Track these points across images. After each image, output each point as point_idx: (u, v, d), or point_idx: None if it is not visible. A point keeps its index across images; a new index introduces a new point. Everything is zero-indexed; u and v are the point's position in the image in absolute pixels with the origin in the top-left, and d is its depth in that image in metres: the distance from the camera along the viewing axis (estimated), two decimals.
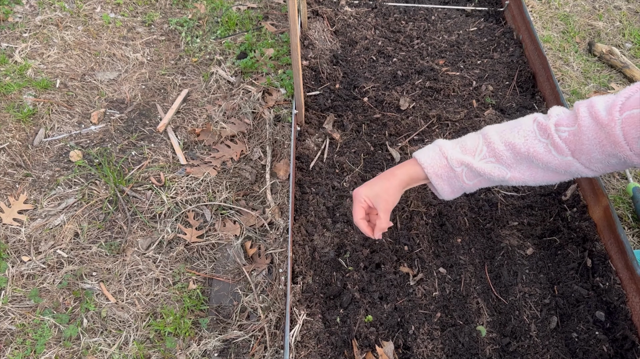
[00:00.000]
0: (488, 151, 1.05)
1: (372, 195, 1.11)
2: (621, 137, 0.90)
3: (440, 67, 1.96)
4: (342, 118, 1.76)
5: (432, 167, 1.08)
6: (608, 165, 0.98)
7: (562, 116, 1.01)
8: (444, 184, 1.10)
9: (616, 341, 1.25)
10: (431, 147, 1.11)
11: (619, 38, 2.30)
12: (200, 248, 1.51)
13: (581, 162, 0.99)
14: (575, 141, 0.97)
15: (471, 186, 1.10)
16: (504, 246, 1.44)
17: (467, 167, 1.06)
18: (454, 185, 1.11)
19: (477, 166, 1.05)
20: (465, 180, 1.08)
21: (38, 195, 1.61)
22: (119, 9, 2.26)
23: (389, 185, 1.11)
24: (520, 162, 1.04)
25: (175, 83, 1.99)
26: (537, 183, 1.08)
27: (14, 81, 1.90)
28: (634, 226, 1.60)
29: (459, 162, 1.06)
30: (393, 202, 1.11)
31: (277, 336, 1.32)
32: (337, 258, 1.40)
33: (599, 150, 0.95)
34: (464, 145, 1.08)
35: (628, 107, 0.90)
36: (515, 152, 1.03)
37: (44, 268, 1.45)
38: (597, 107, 0.94)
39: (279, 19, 2.27)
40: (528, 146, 1.01)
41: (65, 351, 1.30)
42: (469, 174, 1.07)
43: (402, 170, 1.12)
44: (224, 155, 1.73)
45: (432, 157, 1.09)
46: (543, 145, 1.00)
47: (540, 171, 1.05)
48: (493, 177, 1.06)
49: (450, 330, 1.28)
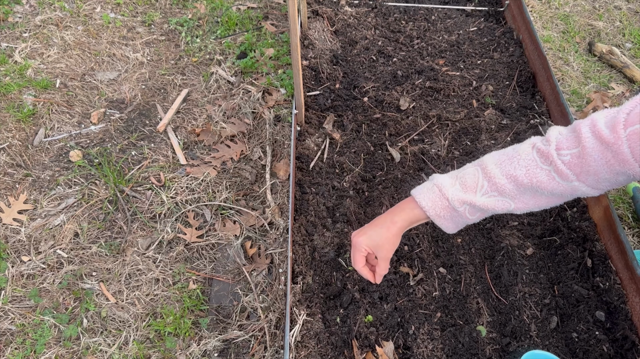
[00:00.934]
0: (489, 186, 1.03)
1: (372, 245, 1.11)
2: (629, 154, 0.88)
3: (440, 67, 1.96)
4: (342, 118, 1.76)
5: (434, 209, 1.07)
6: (616, 182, 0.96)
7: (561, 139, 0.99)
8: (447, 223, 1.09)
9: (616, 341, 1.25)
10: (430, 188, 1.09)
11: (619, 38, 2.30)
12: (200, 248, 1.51)
13: (588, 184, 0.97)
14: (580, 164, 0.95)
15: (474, 219, 1.09)
16: (504, 246, 1.44)
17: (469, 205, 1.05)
18: (457, 222, 1.10)
19: (480, 202, 1.04)
20: (469, 216, 1.07)
21: (38, 195, 1.61)
22: (119, 9, 2.26)
23: (389, 234, 1.10)
24: (523, 192, 1.03)
25: (175, 83, 1.99)
26: (542, 208, 1.07)
27: (14, 81, 1.90)
28: (634, 226, 1.60)
29: (460, 201, 1.05)
30: (393, 249, 1.11)
31: (277, 336, 1.32)
32: (337, 258, 1.40)
33: (607, 170, 0.93)
34: (464, 181, 1.06)
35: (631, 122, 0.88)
36: (518, 184, 1.01)
37: (44, 268, 1.45)
38: (599, 126, 0.92)
39: (279, 19, 2.27)
40: (530, 176, 1.00)
41: (65, 351, 1.30)
42: (471, 211, 1.06)
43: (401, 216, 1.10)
44: (224, 155, 1.73)
45: (432, 199, 1.07)
46: (545, 172, 0.99)
47: (545, 198, 1.03)
48: (497, 210, 1.05)
49: (450, 330, 1.28)
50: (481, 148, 1.68)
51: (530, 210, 1.07)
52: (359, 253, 1.11)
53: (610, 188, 1.00)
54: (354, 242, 1.11)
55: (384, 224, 1.10)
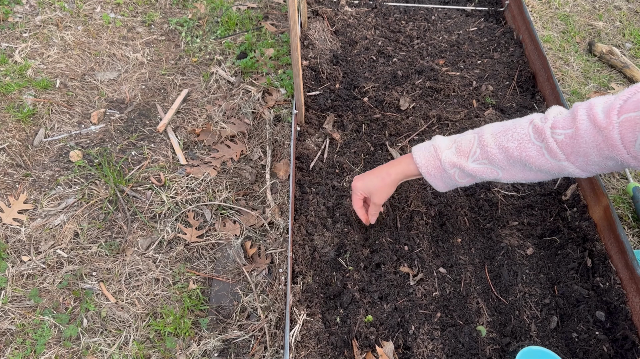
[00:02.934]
0: (482, 153, 1.08)
1: (367, 191, 1.26)
2: (618, 140, 0.91)
3: (440, 67, 1.96)
4: (342, 118, 1.76)
5: (426, 167, 1.15)
6: (604, 167, 0.99)
7: (559, 118, 1.02)
8: (437, 182, 1.17)
9: (616, 341, 1.25)
10: (427, 146, 1.16)
11: (619, 38, 2.30)
12: (200, 248, 1.51)
13: (577, 164, 1.00)
14: (571, 144, 0.98)
15: (464, 183, 1.16)
16: (504, 246, 1.44)
17: (459, 169, 1.11)
18: (447, 183, 1.17)
19: (470, 168, 1.10)
20: (458, 179, 1.14)
21: (38, 195, 1.61)
22: (119, 9, 2.26)
23: (383, 184, 1.23)
24: (513, 164, 1.07)
25: (175, 83, 1.99)
26: (529, 181, 1.13)
27: (14, 81, 1.90)
28: (634, 226, 1.60)
29: (451, 164, 1.11)
30: (386, 197, 1.25)
31: (277, 336, 1.32)
32: (337, 258, 1.40)
33: (596, 152, 0.96)
34: (459, 145, 1.12)
35: (626, 109, 0.91)
36: (509, 156, 1.06)
37: (44, 268, 1.45)
38: (595, 110, 0.95)
39: (279, 19, 2.27)
40: (521, 150, 1.03)
41: (65, 351, 1.30)
42: (461, 174, 1.13)
43: (396, 169, 1.21)
44: (224, 155, 1.73)
45: (426, 158, 1.15)
46: (536, 148, 1.02)
47: (532, 173, 1.08)
48: (485, 177, 1.11)
49: (450, 330, 1.28)
50: None
51: (517, 181, 1.13)
52: (356, 196, 1.29)
53: (599, 172, 1.03)
54: (353, 186, 1.29)
55: (380, 174, 1.23)
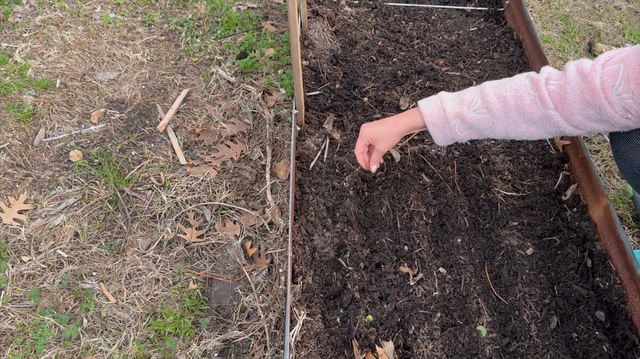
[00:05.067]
0: (482, 102, 1.18)
1: (374, 137, 1.33)
2: (599, 84, 1.02)
3: (440, 67, 1.96)
4: (342, 118, 1.76)
5: (431, 117, 1.24)
6: (587, 117, 1.09)
7: (552, 73, 1.14)
8: (438, 132, 1.27)
9: (616, 341, 1.25)
10: (433, 99, 1.26)
11: (619, 38, 2.30)
12: (200, 248, 1.51)
13: (562, 114, 1.11)
14: (560, 92, 1.10)
15: (462, 137, 1.26)
16: (504, 246, 1.44)
17: (460, 119, 1.21)
18: (446, 134, 1.27)
19: (470, 117, 1.20)
20: (457, 131, 1.24)
21: (38, 195, 1.61)
22: (119, 9, 2.26)
23: (390, 133, 1.31)
24: (508, 113, 1.17)
25: (175, 83, 1.99)
26: (520, 135, 1.21)
27: (14, 81, 1.90)
28: (634, 226, 1.60)
29: (454, 114, 1.21)
30: (390, 146, 1.34)
31: (277, 336, 1.32)
32: (337, 258, 1.40)
33: (580, 99, 1.07)
34: (462, 97, 1.22)
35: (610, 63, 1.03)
36: (505, 104, 1.16)
37: (44, 268, 1.45)
38: (583, 64, 1.07)
39: (279, 19, 2.27)
40: (517, 98, 1.15)
41: (65, 351, 1.30)
42: (460, 126, 1.23)
43: (404, 120, 1.30)
44: (224, 155, 1.73)
45: (432, 108, 1.25)
46: (530, 97, 1.13)
47: (524, 123, 1.17)
48: (481, 127, 1.21)
49: (450, 330, 1.28)
50: (481, 148, 1.69)
51: (509, 135, 1.22)
52: (361, 141, 1.36)
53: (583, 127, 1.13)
54: (361, 131, 1.35)
55: (389, 124, 1.32)
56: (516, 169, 1.63)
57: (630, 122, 1.06)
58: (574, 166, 1.59)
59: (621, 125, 1.08)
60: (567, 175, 1.59)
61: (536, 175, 1.61)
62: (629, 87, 0.98)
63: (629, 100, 1.00)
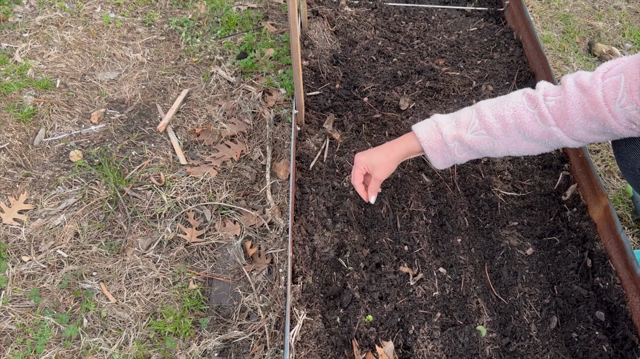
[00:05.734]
0: (480, 124, 1.15)
1: (370, 165, 1.27)
2: (601, 98, 1.00)
3: (440, 67, 1.96)
4: (342, 118, 1.76)
5: (428, 142, 1.20)
6: (590, 131, 1.07)
7: (549, 88, 1.12)
8: (437, 156, 1.22)
9: (616, 341, 1.25)
10: (429, 123, 1.22)
11: (619, 38, 2.30)
12: (200, 248, 1.51)
13: (565, 130, 1.08)
14: (560, 108, 1.07)
15: (461, 158, 1.22)
16: (504, 246, 1.44)
17: (459, 142, 1.17)
18: (445, 158, 1.23)
19: (468, 139, 1.16)
20: (457, 154, 1.20)
21: (38, 195, 1.61)
22: (119, 9, 2.26)
23: (387, 160, 1.26)
24: (507, 133, 1.14)
25: (175, 83, 1.99)
26: (521, 153, 1.19)
27: (14, 81, 1.90)
28: (634, 226, 1.60)
29: (452, 137, 1.17)
30: (387, 173, 1.28)
31: (277, 336, 1.33)
32: (337, 258, 1.40)
33: (582, 114, 1.04)
34: (458, 119, 1.19)
35: (609, 75, 1.01)
36: (505, 124, 1.13)
37: (44, 268, 1.45)
38: (582, 77, 1.05)
39: (279, 19, 2.27)
40: (516, 117, 1.11)
41: (66, 351, 1.30)
42: (460, 148, 1.19)
43: (400, 146, 1.25)
44: (224, 155, 1.73)
45: (428, 133, 1.20)
46: (530, 114, 1.11)
47: (525, 142, 1.15)
48: (482, 149, 1.17)
49: (450, 330, 1.28)
50: None
51: (511, 153, 1.19)
52: (358, 169, 1.29)
53: (586, 140, 1.11)
54: (356, 160, 1.30)
55: (384, 150, 1.26)
56: (516, 169, 1.63)
57: (634, 132, 1.04)
58: (574, 166, 1.59)
59: (624, 136, 1.07)
60: (567, 175, 1.59)
61: (536, 175, 1.61)
62: (632, 98, 0.97)
63: (634, 111, 0.98)
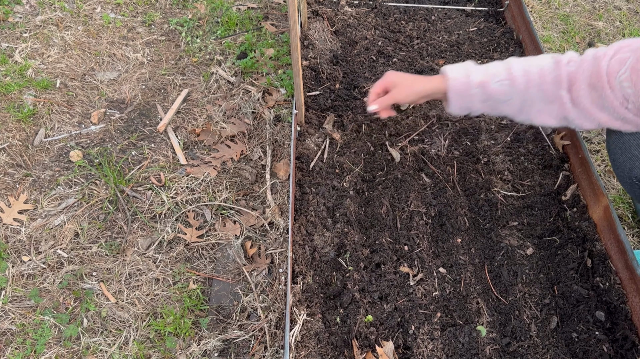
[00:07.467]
0: (506, 74, 1.21)
1: (397, 81, 1.33)
2: (605, 68, 1.07)
3: (440, 67, 1.96)
4: (342, 118, 1.76)
5: (455, 81, 1.25)
6: (591, 101, 1.12)
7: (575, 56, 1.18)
8: (457, 100, 1.27)
9: (616, 341, 1.25)
10: (461, 65, 1.28)
11: (619, 38, 2.30)
12: (200, 248, 1.51)
13: (571, 96, 1.15)
14: (575, 73, 1.14)
15: (479, 108, 1.27)
16: (504, 246, 1.44)
17: (482, 89, 1.22)
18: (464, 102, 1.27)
19: (491, 88, 1.22)
20: (476, 101, 1.25)
21: (38, 195, 1.61)
22: (119, 9, 2.26)
23: (411, 85, 1.31)
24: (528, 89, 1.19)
25: (176, 83, 1.99)
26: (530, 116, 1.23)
27: (14, 81, 1.90)
28: (634, 226, 1.60)
29: (477, 83, 1.23)
30: (405, 98, 1.32)
31: (277, 336, 1.33)
32: (337, 258, 1.40)
33: (587, 81, 1.11)
34: (487, 68, 1.25)
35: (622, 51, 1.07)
36: (528, 79, 1.19)
37: (44, 268, 1.45)
38: (601, 50, 1.11)
39: (279, 19, 2.27)
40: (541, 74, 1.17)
41: (66, 351, 1.30)
42: (480, 96, 1.24)
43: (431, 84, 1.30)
44: (224, 155, 1.73)
45: (459, 72, 1.26)
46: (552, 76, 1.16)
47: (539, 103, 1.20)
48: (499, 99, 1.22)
49: (450, 330, 1.28)
50: (481, 148, 1.69)
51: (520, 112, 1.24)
52: (382, 82, 1.35)
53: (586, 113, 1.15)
54: (385, 74, 1.36)
55: (414, 77, 1.33)
56: (516, 169, 1.63)
57: (629, 113, 1.08)
58: (574, 166, 1.59)
59: (621, 117, 1.10)
60: (567, 175, 1.59)
61: (536, 175, 1.61)
62: (632, 76, 1.02)
63: (629, 89, 1.04)
